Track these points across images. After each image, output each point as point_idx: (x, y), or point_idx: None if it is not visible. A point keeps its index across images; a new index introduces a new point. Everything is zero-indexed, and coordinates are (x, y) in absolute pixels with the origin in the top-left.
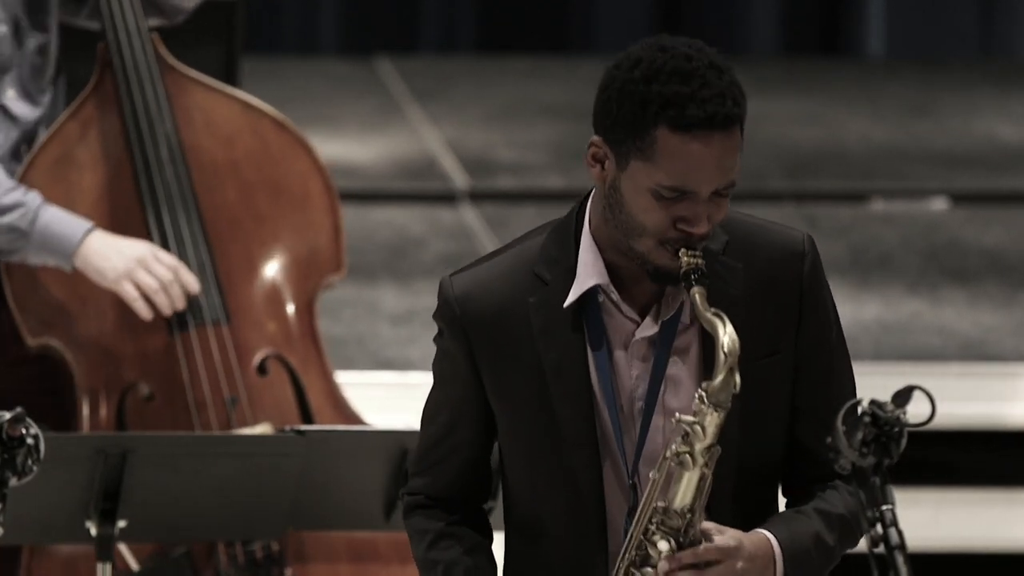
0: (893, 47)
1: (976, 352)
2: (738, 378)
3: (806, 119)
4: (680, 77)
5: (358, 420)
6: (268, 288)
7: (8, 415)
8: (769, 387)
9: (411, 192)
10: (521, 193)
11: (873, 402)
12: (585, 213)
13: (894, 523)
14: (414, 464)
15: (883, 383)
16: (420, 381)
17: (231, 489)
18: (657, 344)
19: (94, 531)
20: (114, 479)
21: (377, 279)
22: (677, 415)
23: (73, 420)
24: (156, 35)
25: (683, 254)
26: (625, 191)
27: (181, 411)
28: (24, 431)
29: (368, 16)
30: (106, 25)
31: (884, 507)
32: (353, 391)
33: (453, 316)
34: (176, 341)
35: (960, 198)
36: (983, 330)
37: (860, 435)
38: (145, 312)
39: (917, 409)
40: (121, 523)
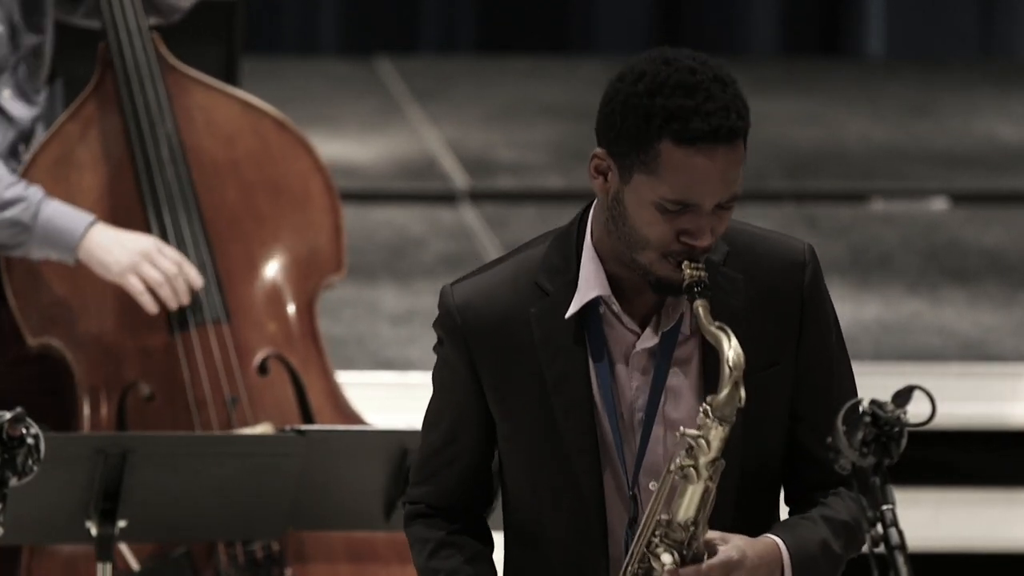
0: (893, 47)
1: (976, 352)
2: (743, 392)
3: (806, 119)
4: (684, 90)
5: (358, 420)
6: (268, 288)
7: (8, 415)
8: (769, 397)
9: (411, 192)
10: (521, 193)
11: (873, 402)
12: (587, 223)
13: (894, 523)
14: (415, 473)
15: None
16: (420, 381)
17: (231, 489)
18: (657, 355)
19: (94, 531)
20: (114, 479)
21: (377, 279)
22: (682, 429)
23: (73, 420)
24: (157, 35)
25: (686, 266)
26: (628, 204)
27: (181, 411)
28: (24, 431)
29: (368, 16)
30: (107, 25)
31: (884, 507)
32: (353, 391)
33: (454, 325)
34: (176, 340)
35: (960, 198)
36: (983, 330)
37: (860, 435)
38: (150, 305)
39: (917, 409)
40: (121, 523)
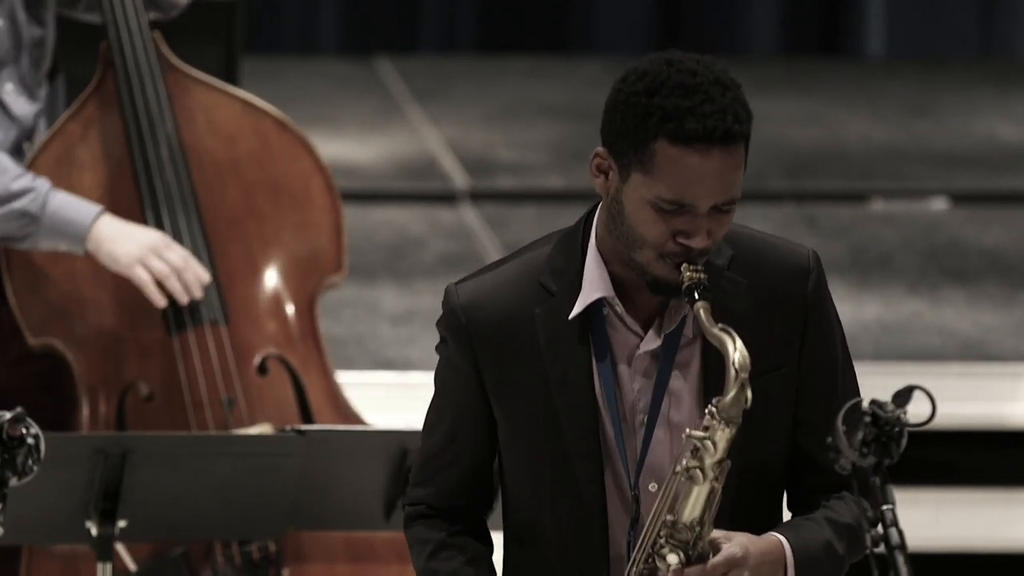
0: (893, 47)
1: (976, 352)
2: (749, 393)
3: (806, 119)
4: (683, 91)
5: (358, 420)
6: (269, 288)
7: (8, 415)
8: (772, 400)
9: (411, 192)
10: (521, 193)
11: (873, 402)
12: (592, 224)
13: (894, 523)
14: (415, 474)
15: (883, 383)
16: (420, 381)
17: (231, 489)
18: (660, 358)
19: (94, 531)
20: (114, 479)
21: (377, 279)
22: (688, 431)
23: (73, 419)
24: (158, 34)
25: (684, 269)
26: (626, 203)
27: (180, 411)
28: (24, 431)
29: (368, 16)
30: (108, 24)
31: (884, 507)
32: (353, 391)
33: (458, 325)
34: (174, 341)
35: (960, 198)
36: (983, 330)
37: (860, 435)
38: (158, 298)
39: (917, 409)
40: (121, 523)
